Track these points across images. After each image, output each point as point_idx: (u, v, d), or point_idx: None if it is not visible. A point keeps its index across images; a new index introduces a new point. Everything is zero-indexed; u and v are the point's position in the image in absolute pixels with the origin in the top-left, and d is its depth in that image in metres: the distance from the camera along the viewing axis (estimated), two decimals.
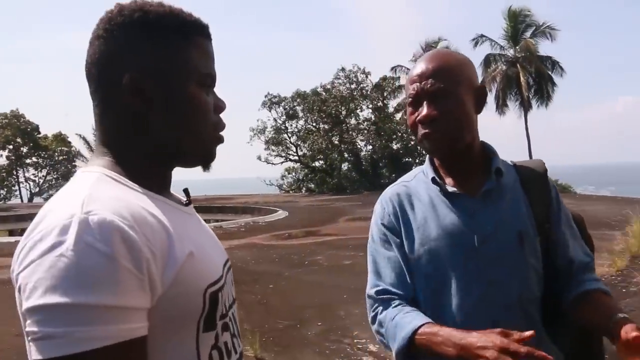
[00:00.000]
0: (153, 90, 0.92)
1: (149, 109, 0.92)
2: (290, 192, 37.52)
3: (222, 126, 1.02)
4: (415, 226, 1.48)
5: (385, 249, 1.51)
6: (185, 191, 1.07)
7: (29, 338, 0.73)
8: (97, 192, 0.83)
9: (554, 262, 1.47)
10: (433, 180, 1.49)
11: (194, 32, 0.97)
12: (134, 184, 0.91)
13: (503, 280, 1.40)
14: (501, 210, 1.44)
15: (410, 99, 1.46)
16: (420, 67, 1.45)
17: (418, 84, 1.43)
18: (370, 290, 1.51)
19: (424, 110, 1.42)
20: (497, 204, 1.45)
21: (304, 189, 37.58)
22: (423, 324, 1.33)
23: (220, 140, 1.03)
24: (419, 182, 1.56)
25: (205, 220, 1.14)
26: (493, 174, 1.47)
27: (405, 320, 1.37)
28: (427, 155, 1.57)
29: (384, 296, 1.47)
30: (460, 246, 1.42)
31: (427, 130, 1.43)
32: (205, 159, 1.02)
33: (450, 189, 1.48)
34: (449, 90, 1.41)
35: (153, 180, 0.95)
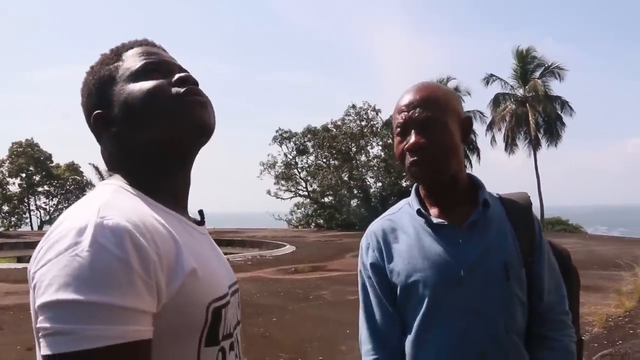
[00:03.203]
0: (112, 112, 1.01)
1: (119, 126, 1.00)
2: (299, 227, 37.43)
3: (188, 92, 1.01)
4: (400, 258, 1.48)
5: (373, 299, 1.54)
6: (200, 212, 1.12)
7: (40, 334, 0.76)
8: (113, 200, 0.88)
9: (529, 295, 1.47)
10: (418, 212, 1.50)
11: (126, 49, 1.07)
12: (149, 198, 0.96)
13: (489, 310, 1.41)
14: (487, 241, 1.44)
15: (398, 129, 1.48)
16: (408, 97, 1.47)
17: (406, 113, 1.45)
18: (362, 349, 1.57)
19: (412, 138, 1.43)
20: (483, 235, 1.45)
21: (313, 224, 37.49)
22: None
23: (196, 102, 1.01)
24: (403, 214, 1.57)
25: None
26: (480, 205, 1.47)
27: None
28: (414, 186, 1.59)
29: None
30: (446, 276, 1.42)
31: (415, 158, 1.44)
32: (193, 129, 1.01)
33: (436, 220, 1.48)
34: (437, 119, 1.43)
35: (163, 194, 0.99)
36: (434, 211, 1.52)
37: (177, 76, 1.02)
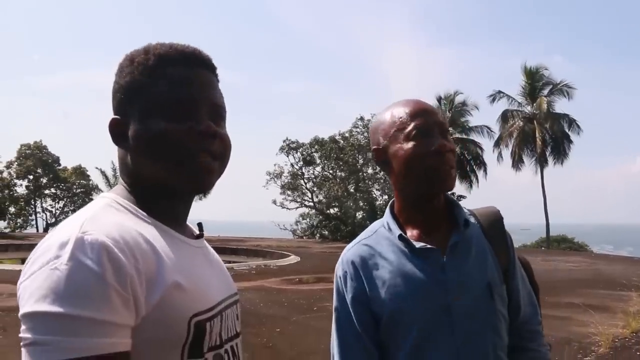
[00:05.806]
0: (128, 130, 1.00)
1: (128, 146, 1.01)
2: (304, 237, 37.37)
3: (208, 150, 1.00)
4: (383, 287, 1.41)
5: (352, 337, 1.44)
6: (199, 225, 1.14)
7: (22, 343, 0.79)
8: (98, 215, 0.91)
9: (507, 309, 1.47)
10: (400, 236, 1.45)
11: (166, 64, 1.01)
12: (142, 212, 0.98)
13: (478, 332, 1.39)
14: (470, 263, 1.42)
15: (415, 130, 1.41)
16: (418, 105, 1.46)
17: (428, 116, 1.43)
18: None
19: (439, 140, 1.40)
20: (465, 257, 1.43)
21: (318, 235, 37.39)
22: None
23: (201, 169, 1.00)
24: (380, 238, 1.50)
25: None
26: (462, 226, 1.45)
27: None
28: (388, 206, 1.55)
29: None
30: (433, 303, 1.39)
31: (442, 161, 1.40)
32: (193, 188, 1.03)
33: (418, 244, 1.43)
34: (448, 129, 1.48)
35: (161, 210, 1.01)
36: (413, 232, 1.48)
37: (198, 129, 0.99)
